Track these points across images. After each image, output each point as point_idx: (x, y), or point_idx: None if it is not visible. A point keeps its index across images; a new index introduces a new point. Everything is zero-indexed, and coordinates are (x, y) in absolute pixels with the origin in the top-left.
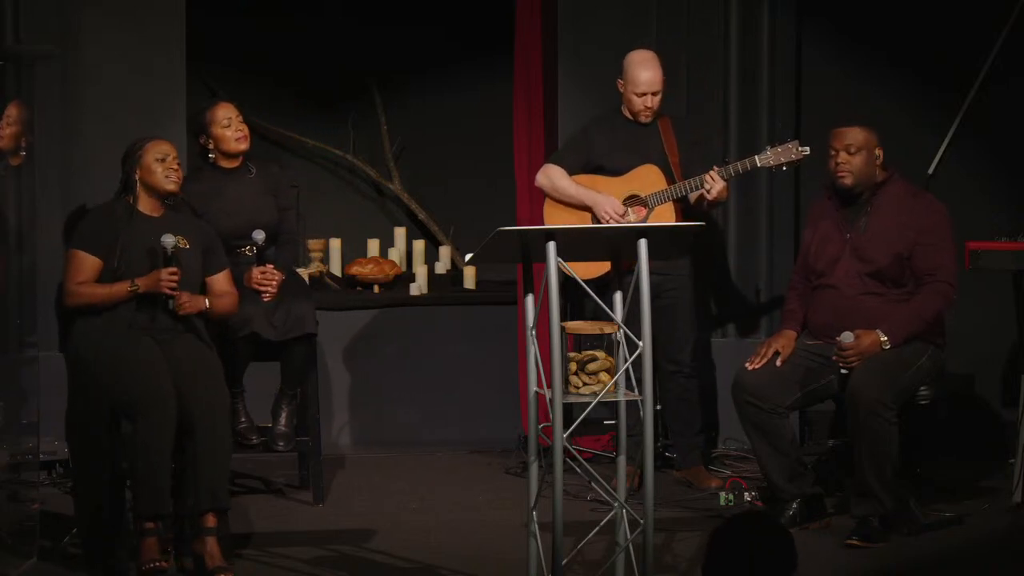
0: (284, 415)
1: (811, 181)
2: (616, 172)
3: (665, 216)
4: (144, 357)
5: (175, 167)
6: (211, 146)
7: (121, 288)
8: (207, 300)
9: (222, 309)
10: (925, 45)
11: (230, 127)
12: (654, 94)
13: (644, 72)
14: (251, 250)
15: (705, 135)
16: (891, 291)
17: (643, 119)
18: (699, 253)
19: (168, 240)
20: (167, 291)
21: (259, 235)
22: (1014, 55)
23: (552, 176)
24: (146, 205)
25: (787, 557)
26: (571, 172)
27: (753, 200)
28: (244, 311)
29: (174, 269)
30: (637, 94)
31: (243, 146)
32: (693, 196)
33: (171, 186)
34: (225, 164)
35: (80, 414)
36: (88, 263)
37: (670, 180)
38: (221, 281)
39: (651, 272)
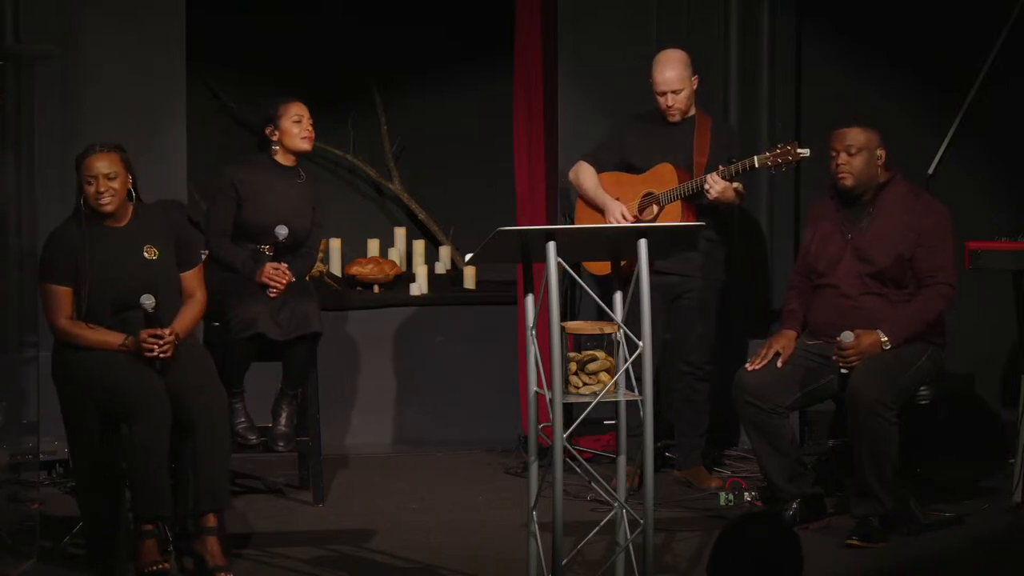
0: (284, 415)
1: (811, 182)
2: (642, 170)
3: (673, 214)
4: (133, 360)
5: (103, 188)
6: (276, 137)
7: (113, 340)
8: (175, 335)
9: (188, 329)
10: (925, 45)
11: (300, 123)
12: (674, 92)
13: (661, 72)
14: (270, 250)
15: (732, 137)
16: (892, 292)
17: (670, 118)
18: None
19: (147, 301)
20: (147, 355)
21: (282, 230)
22: (1014, 55)
23: (580, 173)
24: (106, 218)
25: (794, 558)
26: (603, 169)
27: (753, 200)
28: (249, 311)
29: (154, 331)
30: (658, 93)
31: (306, 146)
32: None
33: (105, 209)
34: (281, 160)
35: (76, 418)
36: (62, 293)
37: (688, 179)
38: (189, 278)
39: (673, 273)
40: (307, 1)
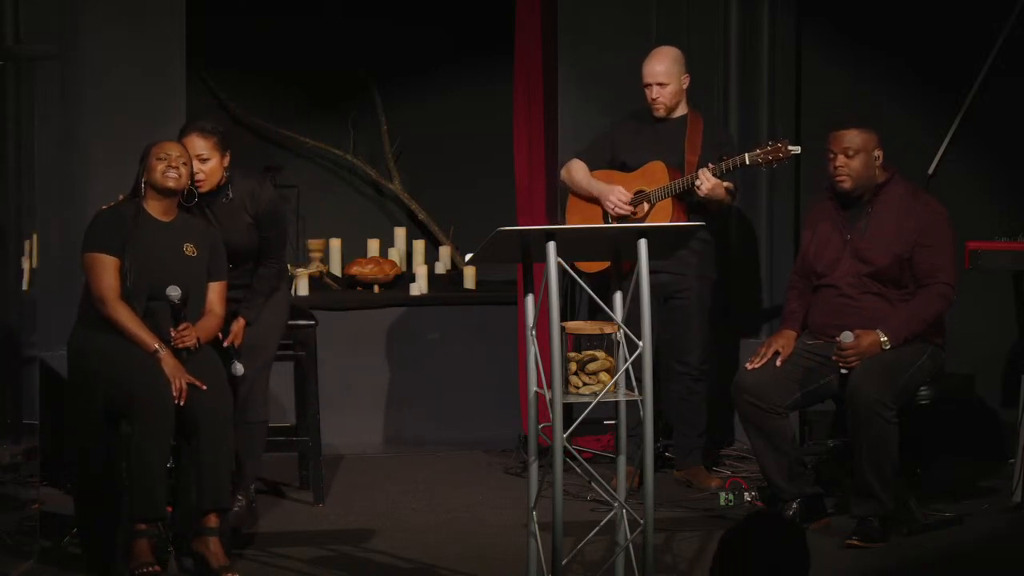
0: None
1: (811, 182)
2: (634, 168)
3: (663, 211)
4: (144, 358)
5: (176, 165)
6: None
7: (148, 343)
8: (197, 338)
9: (206, 339)
10: (925, 45)
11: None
12: (660, 85)
13: (650, 64)
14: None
15: (725, 136)
16: (891, 292)
17: (655, 112)
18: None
19: (173, 292)
20: (181, 346)
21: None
22: (1014, 55)
23: (571, 170)
24: (156, 209)
25: (801, 557)
26: (594, 168)
27: (752, 201)
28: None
29: (184, 326)
30: (644, 85)
31: (203, 188)
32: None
33: (169, 183)
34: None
35: (81, 410)
36: (110, 263)
37: (679, 176)
38: (215, 289)
39: (664, 272)
40: (307, 1)
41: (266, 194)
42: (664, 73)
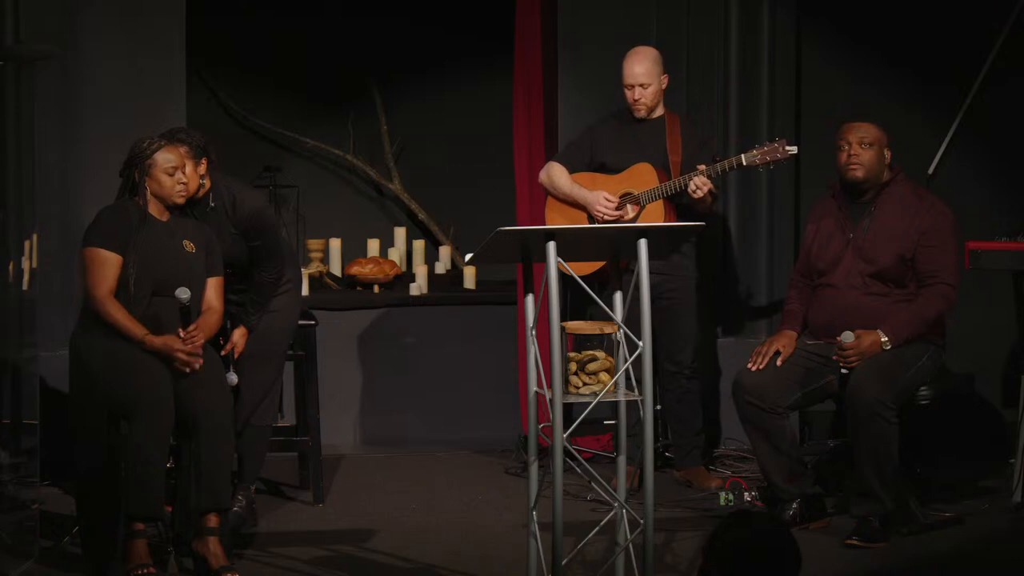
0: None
1: (811, 181)
2: (617, 170)
3: (655, 213)
4: (144, 358)
5: (184, 180)
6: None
7: (136, 332)
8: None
9: (209, 336)
10: (925, 45)
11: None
12: (641, 86)
13: (628, 65)
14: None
15: (707, 136)
16: (893, 291)
17: (635, 113)
18: (700, 253)
19: (183, 295)
20: (183, 357)
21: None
22: (1014, 55)
23: (552, 174)
24: (154, 208)
25: (790, 558)
26: (574, 170)
27: (753, 200)
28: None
29: (194, 326)
30: (625, 86)
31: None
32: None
33: (179, 199)
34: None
35: (82, 409)
36: (111, 261)
37: (667, 178)
38: (211, 286)
39: (655, 273)
40: (307, 1)
41: (248, 203)
42: (645, 74)
